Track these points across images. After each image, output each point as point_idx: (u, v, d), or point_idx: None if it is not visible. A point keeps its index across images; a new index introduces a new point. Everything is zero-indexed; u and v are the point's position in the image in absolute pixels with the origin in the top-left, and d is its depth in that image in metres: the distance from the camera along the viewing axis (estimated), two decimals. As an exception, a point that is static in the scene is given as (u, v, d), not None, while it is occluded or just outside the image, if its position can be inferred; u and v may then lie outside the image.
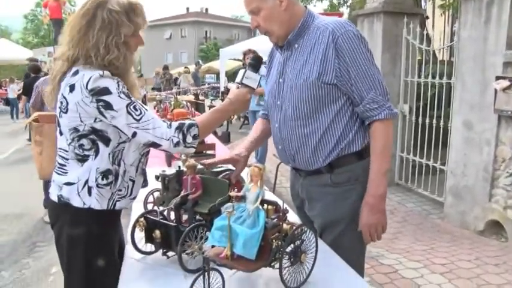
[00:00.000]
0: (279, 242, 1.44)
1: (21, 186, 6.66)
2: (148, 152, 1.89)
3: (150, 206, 2.14)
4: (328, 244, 1.82)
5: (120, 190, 1.75)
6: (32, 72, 10.04)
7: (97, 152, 1.67)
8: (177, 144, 1.71)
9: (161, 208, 2.08)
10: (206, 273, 1.34)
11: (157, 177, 2.06)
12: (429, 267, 3.43)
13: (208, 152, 2.86)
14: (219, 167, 2.27)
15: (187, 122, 1.77)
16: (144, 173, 1.89)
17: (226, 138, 9.27)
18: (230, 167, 2.08)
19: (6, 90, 17.69)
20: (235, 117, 12.15)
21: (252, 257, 1.38)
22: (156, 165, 3.17)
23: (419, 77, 5.53)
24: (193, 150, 1.80)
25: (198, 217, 1.77)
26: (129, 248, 1.75)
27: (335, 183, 1.85)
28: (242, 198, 1.48)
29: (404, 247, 3.90)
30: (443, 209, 4.82)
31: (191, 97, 5.55)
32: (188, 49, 47.83)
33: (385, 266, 3.43)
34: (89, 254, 1.69)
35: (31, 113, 4.43)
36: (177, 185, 2.04)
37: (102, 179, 1.68)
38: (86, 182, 1.67)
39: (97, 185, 1.67)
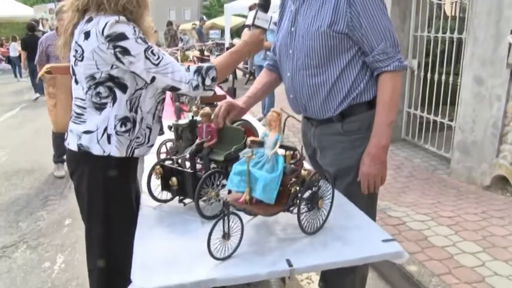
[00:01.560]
0: (297, 188, 1.46)
1: (30, 142, 6.72)
2: (164, 100, 1.88)
3: (163, 157, 2.15)
4: (340, 192, 1.84)
5: (138, 137, 1.75)
6: (29, 31, 10.42)
7: (114, 100, 1.67)
8: (196, 87, 1.71)
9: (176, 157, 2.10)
10: (226, 217, 1.36)
11: (170, 127, 2.07)
12: (436, 220, 3.48)
13: (219, 103, 2.85)
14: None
15: (205, 64, 1.75)
16: (160, 121, 1.90)
17: (232, 94, 9.21)
18: (245, 117, 2.08)
19: (7, 48, 17.48)
20: (241, 73, 11.99)
21: (271, 201, 1.40)
22: (166, 119, 3.19)
23: (429, 32, 5.42)
24: (211, 93, 1.80)
25: (213, 165, 1.79)
26: (145, 197, 1.77)
27: (346, 131, 1.85)
28: (260, 144, 1.49)
29: (412, 201, 3.94)
30: (450, 165, 4.83)
31: (196, 53, 5.46)
32: (191, 5, 46.96)
33: (393, 219, 3.48)
34: (109, 200, 1.71)
35: (38, 70, 4.40)
36: (190, 134, 2.04)
37: (121, 126, 1.69)
38: (105, 129, 1.67)
39: (116, 133, 1.68)
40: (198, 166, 1.76)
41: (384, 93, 1.79)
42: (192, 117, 2.08)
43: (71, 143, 1.73)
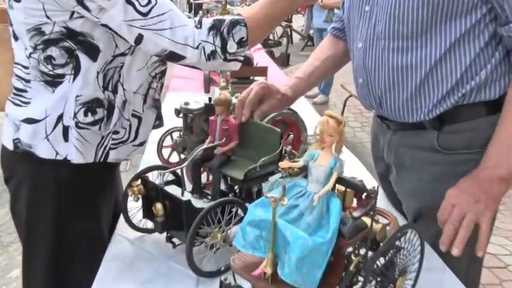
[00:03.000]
0: (360, 259, 0.79)
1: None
2: (164, 72, 1.24)
3: (166, 153, 1.53)
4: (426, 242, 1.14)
5: (116, 132, 1.13)
6: None
7: (77, 70, 1.04)
8: (211, 55, 1.06)
9: (181, 157, 1.47)
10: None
11: (177, 112, 1.44)
12: None
13: (257, 78, 2.13)
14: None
15: (228, 17, 1.09)
16: (157, 106, 1.26)
17: (284, 61, 8.15)
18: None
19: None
20: (299, 36, 10.69)
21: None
22: (190, 90, 2.54)
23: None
24: (237, 66, 1.13)
25: (228, 181, 1.15)
26: (122, 223, 1.17)
27: (445, 147, 1.13)
28: (301, 171, 0.83)
29: None
30: None
31: (242, 9, 4.43)
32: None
33: (490, 257, 2.57)
34: (61, 228, 1.12)
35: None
36: (206, 124, 1.41)
37: (86, 115, 1.06)
38: (60, 118, 1.06)
39: (77, 124, 1.06)
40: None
41: None
42: (210, 99, 1.44)
43: (5, 136, 1.12)
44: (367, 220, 0.79)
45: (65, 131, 1.06)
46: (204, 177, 1.24)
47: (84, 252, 1.14)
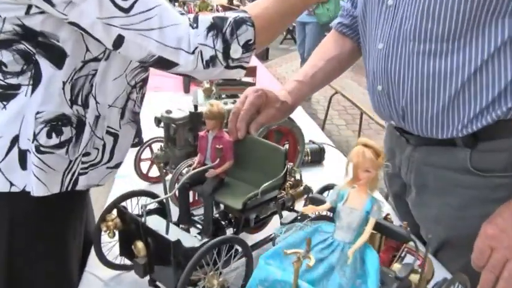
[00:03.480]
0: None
1: None
2: (146, 80, 1.03)
3: (145, 167, 1.34)
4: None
5: (86, 154, 0.92)
6: None
7: (37, 80, 0.83)
8: (211, 61, 0.85)
9: (163, 172, 1.27)
10: None
11: (157, 121, 1.25)
12: None
13: (245, 79, 1.91)
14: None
15: (231, 14, 0.89)
16: (136, 121, 1.05)
17: (263, 55, 8.02)
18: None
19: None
20: None
21: None
22: (167, 89, 2.32)
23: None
24: (241, 74, 0.93)
25: (221, 207, 0.97)
26: (94, 257, 0.97)
27: (478, 168, 0.96)
28: (328, 215, 0.66)
29: None
30: None
31: (223, 0, 4.15)
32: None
33: None
34: (17, 272, 0.91)
35: None
36: (191, 134, 1.23)
37: (50, 136, 0.85)
38: (15, 141, 0.84)
39: (38, 148, 0.84)
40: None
41: None
42: (195, 107, 1.25)
43: None
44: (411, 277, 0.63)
45: (22, 156, 0.85)
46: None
47: None
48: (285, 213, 1.00)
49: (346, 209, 0.61)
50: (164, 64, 0.85)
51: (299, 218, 0.68)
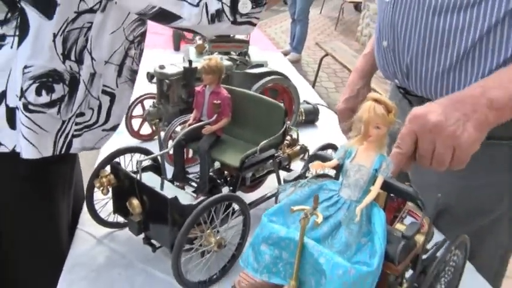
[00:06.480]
0: (408, 285, 0.62)
1: None
2: (144, 35, 0.98)
3: (136, 124, 1.30)
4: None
5: (81, 114, 0.87)
6: None
7: (24, 31, 0.77)
8: (217, 15, 0.80)
9: (154, 129, 1.25)
10: None
11: (150, 77, 1.20)
12: None
13: (239, 36, 1.83)
14: (259, 66, 1.39)
15: None
16: (134, 80, 1.00)
17: None
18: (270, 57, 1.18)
19: None
20: None
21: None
22: (156, 47, 2.24)
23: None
24: (249, 30, 0.88)
25: (215, 166, 0.94)
26: (86, 219, 0.94)
27: (492, 135, 0.92)
28: (337, 173, 0.64)
29: None
30: None
31: None
32: None
33: None
34: (7, 236, 0.88)
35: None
36: (184, 91, 1.19)
37: (39, 93, 0.80)
38: (2, 97, 0.79)
39: (26, 106, 0.79)
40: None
41: None
42: (190, 62, 1.20)
43: None
44: (417, 237, 0.62)
45: (11, 114, 0.80)
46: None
47: (39, 263, 0.91)
48: (283, 173, 0.98)
49: (354, 166, 0.59)
50: (165, 17, 0.79)
51: (303, 175, 0.65)
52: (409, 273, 0.65)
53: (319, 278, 0.56)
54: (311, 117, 1.55)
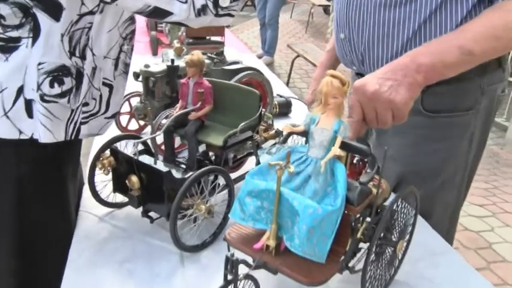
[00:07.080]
0: (366, 225, 0.76)
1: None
2: (134, 32, 1.11)
3: (124, 121, 1.42)
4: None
5: (85, 104, 1.00)
6: None
7: (36, 32, 0.89)
8: (202, 10, 0.94)
9: (141, 124, 1.36)
10: (230, 284, 0.68)
11: (136, 75, 1.32)
12: (499, 217, 2.69)
13: (214, 38, 2.00)
14: (235, 63, 1.52)
15: None
16: (127, 72, 1.12)
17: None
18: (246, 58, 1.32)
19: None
20: None
21: (322, 259, 0.70)
22: (135, 53, 2.34)
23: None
24: (229, 21, 1.02)
25: (200, 151, 1.07)
26: (87, 199, 1.06)
27: (429, 110, 1.11)
28: (302, 137, 0.77)
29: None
30: (505, 134, 3.98)
31: None
32: None
33: None
34: (25, 214, 0.99)
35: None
36: (168, 88, 1.31)
37: (52, 85, 0.92)
38: (20, 91, 0.91)
39: (42, 97, 0.91)
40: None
41: (489, 19, 0.92)
42: (172, 60, 1.33)
43: None
44: (370, 186, 0.76)
45: (28, 105, 0.91)
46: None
47: (52, 237, 1.02)
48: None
49: (318, 129, 0.73)
50: (159, 14, 0.92)
51: (277, 143, 0.79)
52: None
53: (294, 219, 0.69)
54: (284, 110, 1.70)
